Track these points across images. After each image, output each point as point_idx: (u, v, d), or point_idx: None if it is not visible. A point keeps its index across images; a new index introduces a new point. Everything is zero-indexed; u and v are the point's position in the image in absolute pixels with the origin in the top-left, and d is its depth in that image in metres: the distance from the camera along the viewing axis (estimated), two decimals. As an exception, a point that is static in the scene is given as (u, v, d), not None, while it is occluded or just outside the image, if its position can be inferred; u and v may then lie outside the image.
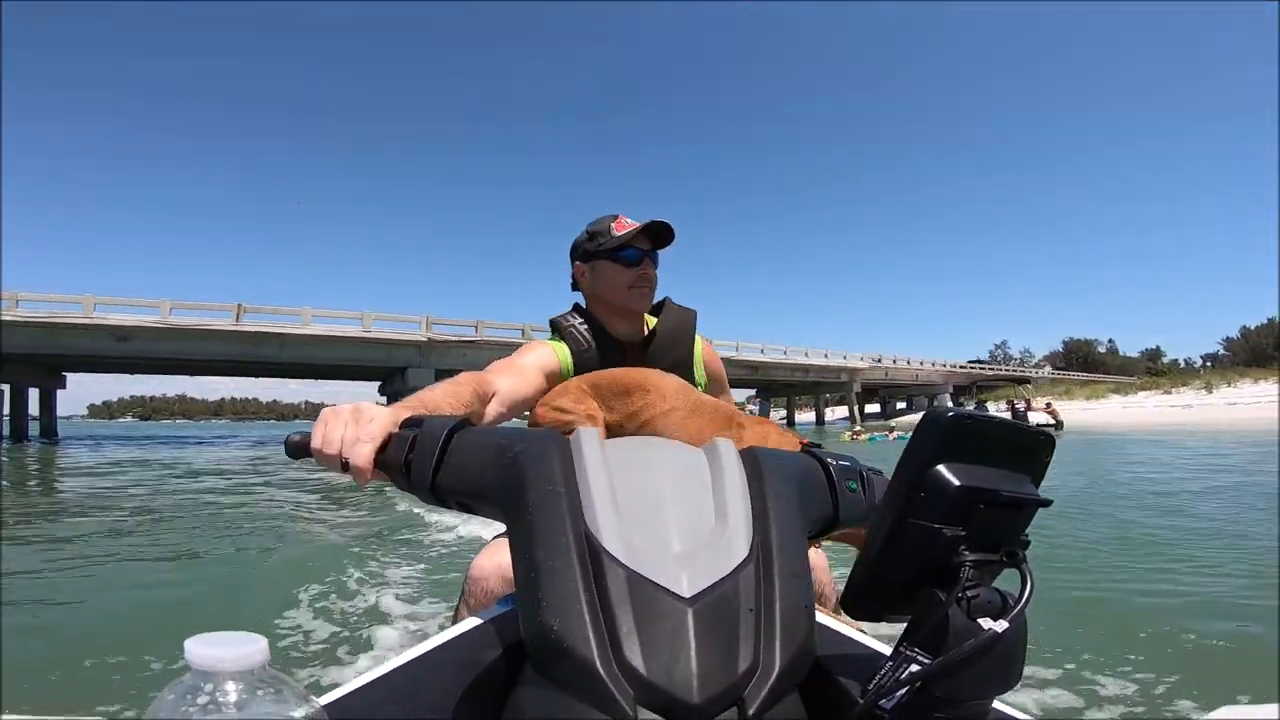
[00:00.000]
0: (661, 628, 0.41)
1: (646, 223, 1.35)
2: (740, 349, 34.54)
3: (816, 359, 39.09)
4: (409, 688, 0.50)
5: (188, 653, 0.34)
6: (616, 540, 0.45)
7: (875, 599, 0.46)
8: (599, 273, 1.38)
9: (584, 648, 0.40)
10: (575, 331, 1.38)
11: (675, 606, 0.42)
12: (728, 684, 0.40)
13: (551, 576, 0.44)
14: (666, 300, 1.49)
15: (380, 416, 0.64)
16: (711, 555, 0.45)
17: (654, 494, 0.50)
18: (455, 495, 0.57)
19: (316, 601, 2.85)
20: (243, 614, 2.78)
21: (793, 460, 0.60)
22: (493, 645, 0.53)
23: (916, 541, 0.44)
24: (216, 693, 0.34)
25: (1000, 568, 0.45)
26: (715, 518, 0.49)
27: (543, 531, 0.46)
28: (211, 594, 3.11)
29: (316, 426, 0.67)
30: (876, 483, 0.66)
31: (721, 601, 0.43)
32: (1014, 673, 0.42)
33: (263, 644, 0.36)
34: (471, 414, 0.94)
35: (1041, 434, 0.49)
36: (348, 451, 0.63)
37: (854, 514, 0.62)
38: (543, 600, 0.43)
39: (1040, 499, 0.46)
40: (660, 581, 0.43)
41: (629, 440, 0.60)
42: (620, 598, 0.42)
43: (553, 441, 0.53)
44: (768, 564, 0.46)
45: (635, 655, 0.40)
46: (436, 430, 0.59)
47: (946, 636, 0.41)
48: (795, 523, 0.50)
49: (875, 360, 42.87)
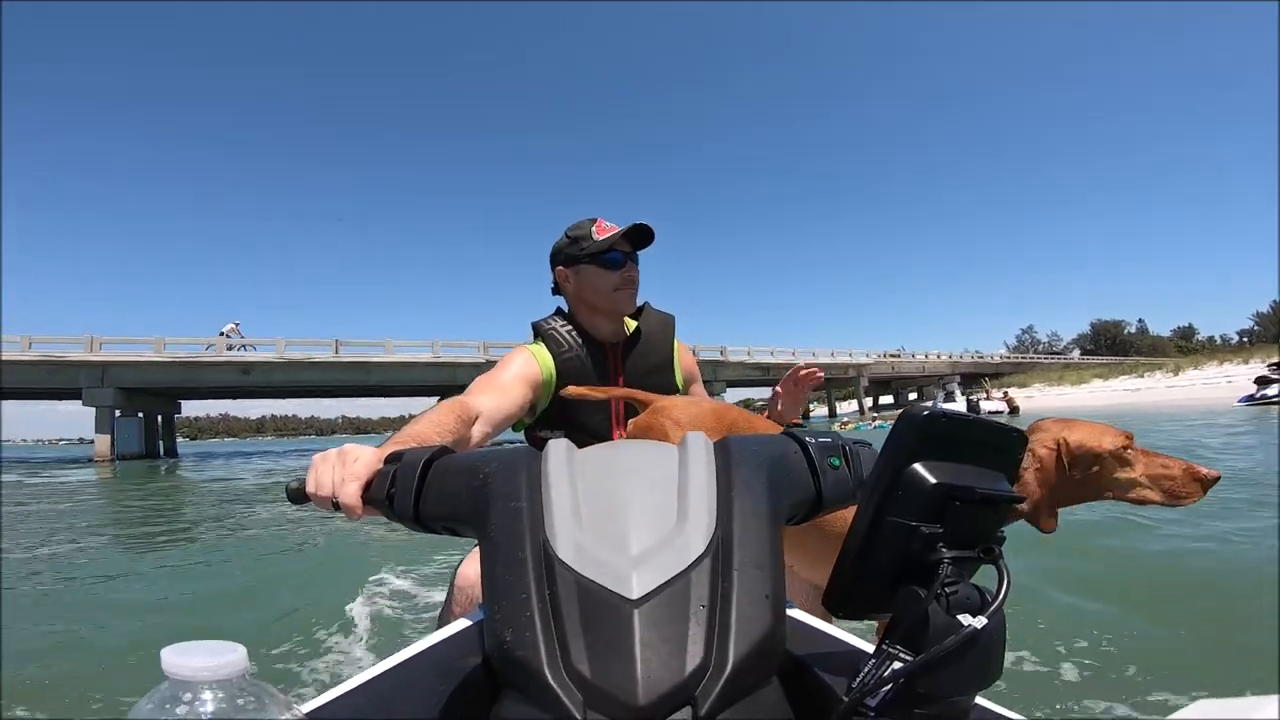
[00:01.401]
0: (608, 632, 0.41)
1: (628, 226, 1.38)
2: (752, 353, 39.00)
3: (824, 357, 42.89)
4: (391, 694, 0.50)
5: (164, 662, 0.34)
6: (570, 548, 0.46)
7: (856, 597, 0.47)
8: (583, 277, 1.41)
9: (534, 656, 0.41)
10: (558, 334, 1.42)
11: (621, 609, 0.42)
12: (675, 684, 0.39)
13: (506, 589, 0.45)
14: (646, 305, 1.53)
15: (364, 456, 0.68)
16: (666, 554, 0.45)
17: (617, 497, 0.50)
18: (437, 521, 0.59)
19: (302, 608, 2.91)
20: (228, 621, 2.85)
21: (766, 444, 0.59)
22: (474, 651, 0.53)
23: (895, 539, 0.45)
24: (195, 702, 0.33)
25: (978, 564, 0.46)
26: (676, 515, 0.49)
27: (502, 546, 0.48)
28: (194, 602, 3.22)
29: (310, 472, 0.71)
30: (864, 455, 0.63)
31: (671, 600, 0.43)
32: (994, 668, 0.43)
33: (242, 652, 0.35)
34: (458, 439, 1.00)
35: (1014, 431, 0.50)
36: (337, 492, 0.66)
37: (839, 492, 0.60)
38: (498, 613, 0.44)
39: (1014, 496, 0.47)
40: (608, 585, 0.43)
41: (602, 446, 0.61)
42: (569, 605, 0.43)
43: (522, 458, 0.54)
44: (727, 557, 0.46)
45: (583, 661, 0.40)
46: (414, 461, 0.61)
47: (927, 633, 0.41)
48: (761, 510, 0.50)
49: (880, 355, 46.81)
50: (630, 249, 1.42)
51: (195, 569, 4.18)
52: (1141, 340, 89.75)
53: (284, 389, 33.52)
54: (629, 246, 1.42)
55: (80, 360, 25.99)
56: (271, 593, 3.39)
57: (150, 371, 26.98)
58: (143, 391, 28.29)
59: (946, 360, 51.31)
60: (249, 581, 3.72)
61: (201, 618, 3.00)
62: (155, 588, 3.69)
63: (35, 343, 26.16)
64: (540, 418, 1.42)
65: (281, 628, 2.67)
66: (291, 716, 0.36)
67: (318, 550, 4.59)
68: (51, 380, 26.38)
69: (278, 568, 4.03)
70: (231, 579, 3.81)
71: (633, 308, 1.44)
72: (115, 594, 3.59)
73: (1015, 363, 58.02)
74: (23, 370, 25.63)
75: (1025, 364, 57.27)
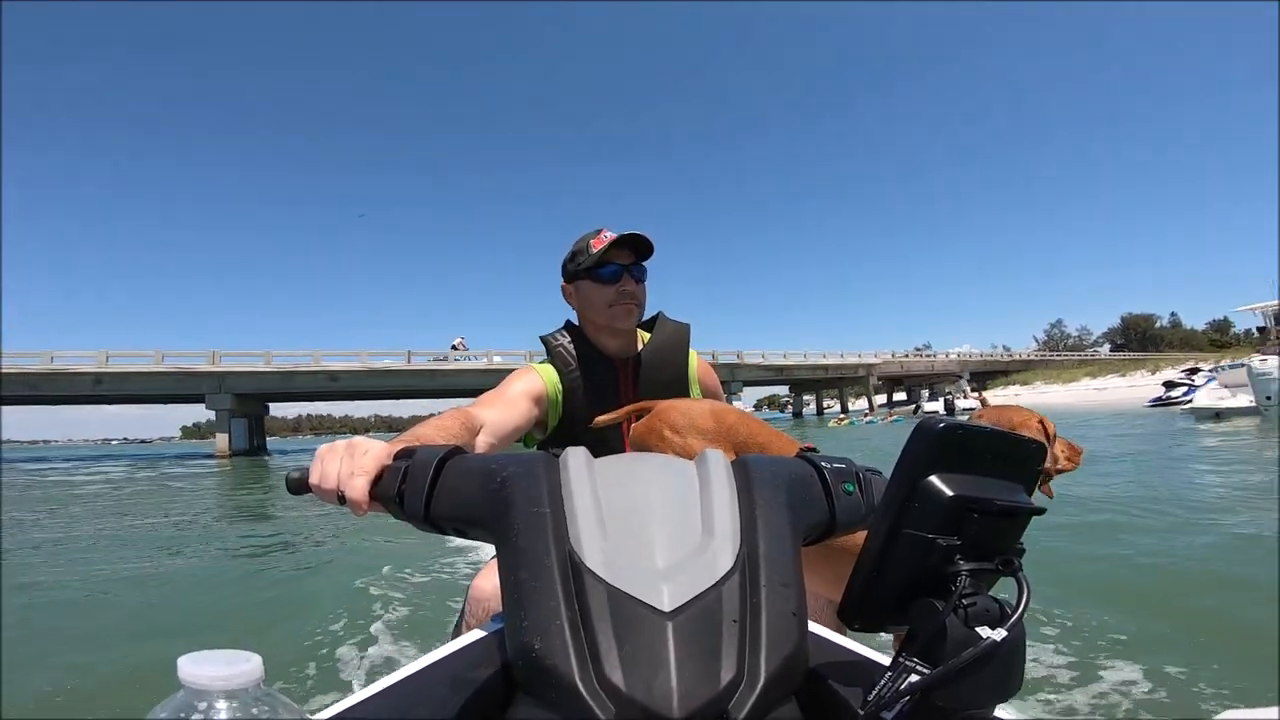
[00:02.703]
0: (641, 642, 0.41)
1: (617, 236, 1.33)
2: (766, 356, 43.42)
3: (834, 358, 47.13)
4: (404, 704, 0.49)
5: (180, 671, 0.34)
6: (599, 557, 0.45)
7: (872, 610, 0.46)
8: (583, 292, 1.37)
9: (564, 665, 0.41)
10: (564, 351, 1.38)
11: (655, 621, 0.41)
12: (710, 697, 0.39)
13: (533, 596, 0.45)
14: (660, 315, 1.47)
15: (374, 450, 0.65)
16: (695, 568, 0.45)
17: (640, 509, 0.50)
18: (448, 522, 0.58)
19: (317, 616, 2.95)
20: (241, 630, 2.88)
21: (784, 466, 0.59)
22: (488, 662, 0.52)
23: (912, 552, 0.44)
24: (210, 711, 0.34)
25: (996, 576, 0.45)
26: (701, 530, 0.49)
27: (526, 552, 0.47)
28: (212, 610, 3.29)
29: (314, 463, 0.68)
30: (875, 483, 0.64)
31: (704, 614, 0.43)
32: (1014, 680, 0.42)
33: (257, 662, 0.36)
34: (463, 446, 1.01)
35: (1032, 443, 0.49)
36: (343, 485, 0.64)
37: (852, 517, 0.60)
38: (525, 620, 0.44)
39: (1033, 507, 0.47)
40: (640, 596, 0.43)
41: (619, 457, 0.61)
42: (600, 614, 0.42)
43: (541, 463, 0.54)
44: (754, 574, 0.46)
45: (615, 671, 0.40)
46: (428, 459, 0.60)
47: (945, 646, 0.41)
48: (784, 531, 0.50)
49: (891, 355, 50.50)
50: (631, 261, 1.36)
51: (207, 573, 4.33)
52: (1173, 334, 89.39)
53: (367, 393, 39.51)
54: (630, 258, 1.36)
55: (205, 370, 32.08)
56: (287, 601, 3.38)
57: (259, 380, 32.94)
58: (251, 397, 34.28)
59: (956, 359, 54.72)
60: (265, 589, 3.71)
61: (217, 625, 3.07)
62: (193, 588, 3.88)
63: (166, 356, 32.32)
64: (551, 435, 1.40)
65: (297, 637, 2.71)
66: None
67: (331, 556, 4.57)
68: (180, 388, 32.55)
69: (290, 571, 4.02)
70: (247, 586, 3.83)
71: (631, 323, 1.37)
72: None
73: (1025, 360, 60.57)
74: (155, 380, 31.80)
75: (1035, 361, 59.82)
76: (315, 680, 2.26)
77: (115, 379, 30.93)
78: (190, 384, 32.26)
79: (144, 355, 32.05)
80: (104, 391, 31.69)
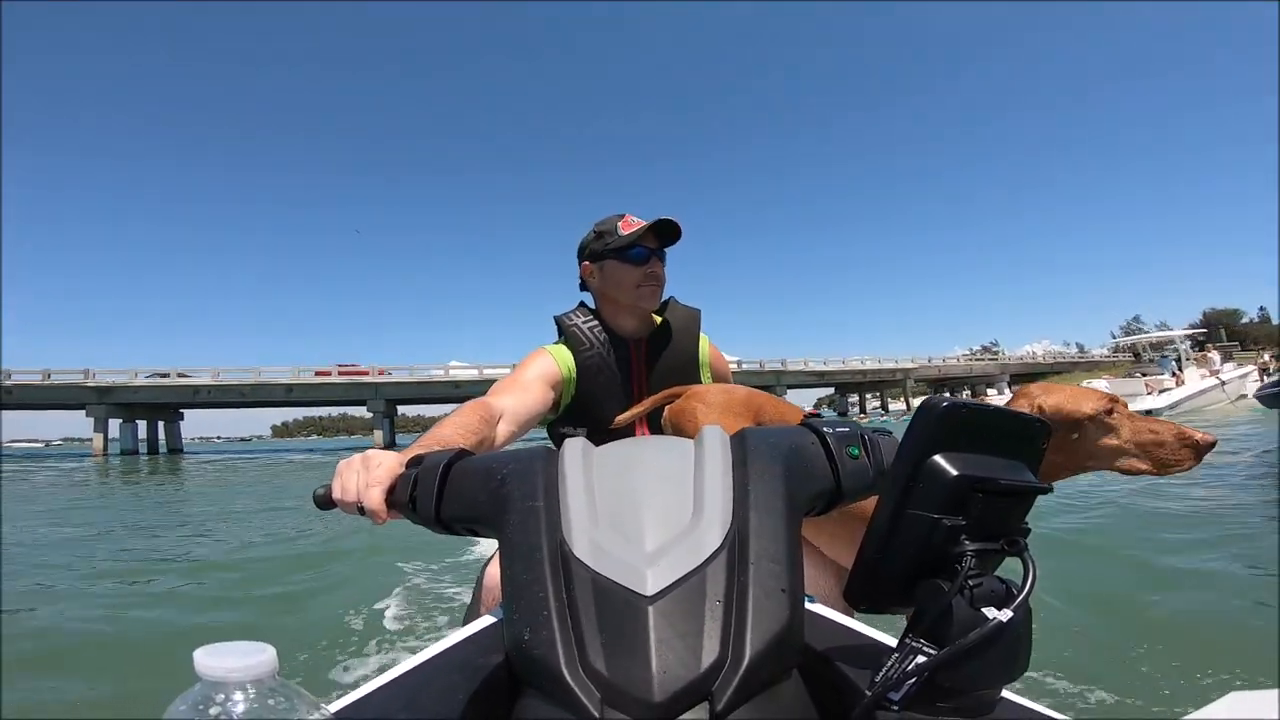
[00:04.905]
0: (624, 629, 0.41)
1: (653, 221, 1.37)
2: (808, 363, 46.29)
3: (871, 364, 49.07)
4: (415, 693, 0.50)
5: (197, 663, 0.35)
6: (586, 546, 0.46)
7: (878, 591, 0.46)
8: (607, 272, 1.41)
9: (551, 655, 0.41)
10: (579, 331, 1.41)
11: (636, 606, 0.42)
12: (691, 679, 0.39)
13: (525, 589, 0.45)
14: (671, 300, 1.52)
15: (387, 461, 0.69)
16: (681, 550, 0.45)
17: (633, 494, 0.50)
18: (458, 523, 0.59)
19: (329, 607, 2.98)
20: (255, 621, 2.89)
21: (784, 436, 0.57)
22: (497, 650, 0.53)
23: (917, 532, 0.44)
24: (227, 702, 0.34)
25: (1002, 556, 0.45)
26: (692, 510, 0.48)
27: (520, 546, 0.48)
28: (223, 602, 3.27)
29: (335, 479, 0.72)
30: (884, 444, 0.61)
31: (686, 596, 0.42)
32: (1021, 661, 0.42)
33: (271, 653, 0.36)
34: (482, 440, 1.02)
35: (1036, 420, 0.49)
36: (361, 497, 0.68)
37: (858, 483, 0.58)
38: (516, 612, 0.45)
39: (1039, 486, 0.46)
40: (624, 582, 0.43)
41: (620, 442, 0.60)
42: (586, 603, 0.43)
43: (539, 458, 0.54)
44: (742, 551, 0.45)
45: (599, 659, 0.40)
46: (434, 465, 0.62)
47: (951, 627, 0.41)
48: (777, 505, 0.49)
49: (926, 360, 51.65)
50: (657, 245, 1.41)
51: (222, 566, 4.25)
52: (1259, 330, 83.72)
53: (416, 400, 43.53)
54: (655, 243, 1.41)
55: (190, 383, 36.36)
56: (299, 592, 3.42)
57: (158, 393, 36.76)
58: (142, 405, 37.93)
59: (995, 362, 54.46)
60: (277, 580, 3.73)
61: (231, 615, 3.07)
62: (188, 585, 3.73)
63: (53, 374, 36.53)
64: (563, 414, 1.43)
65: (310, 628, 2.73)
66: (320, 716, 0.37)
67: (346, 550, 4.57)
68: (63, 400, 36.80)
69: (304, 567, 4.05)
70: (260, 578, 3.81)
71: (655, 304, 1.43)
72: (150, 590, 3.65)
73: (1073, 362, 58.58)
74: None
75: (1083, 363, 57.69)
76: (326, 671, 2.27)
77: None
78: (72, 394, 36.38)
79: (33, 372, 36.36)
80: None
